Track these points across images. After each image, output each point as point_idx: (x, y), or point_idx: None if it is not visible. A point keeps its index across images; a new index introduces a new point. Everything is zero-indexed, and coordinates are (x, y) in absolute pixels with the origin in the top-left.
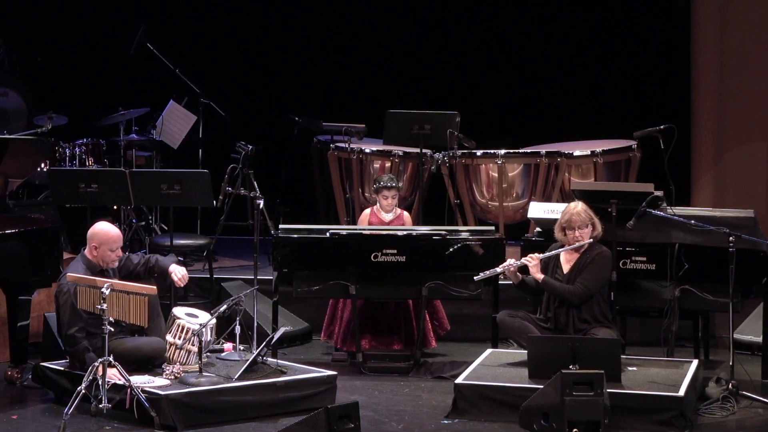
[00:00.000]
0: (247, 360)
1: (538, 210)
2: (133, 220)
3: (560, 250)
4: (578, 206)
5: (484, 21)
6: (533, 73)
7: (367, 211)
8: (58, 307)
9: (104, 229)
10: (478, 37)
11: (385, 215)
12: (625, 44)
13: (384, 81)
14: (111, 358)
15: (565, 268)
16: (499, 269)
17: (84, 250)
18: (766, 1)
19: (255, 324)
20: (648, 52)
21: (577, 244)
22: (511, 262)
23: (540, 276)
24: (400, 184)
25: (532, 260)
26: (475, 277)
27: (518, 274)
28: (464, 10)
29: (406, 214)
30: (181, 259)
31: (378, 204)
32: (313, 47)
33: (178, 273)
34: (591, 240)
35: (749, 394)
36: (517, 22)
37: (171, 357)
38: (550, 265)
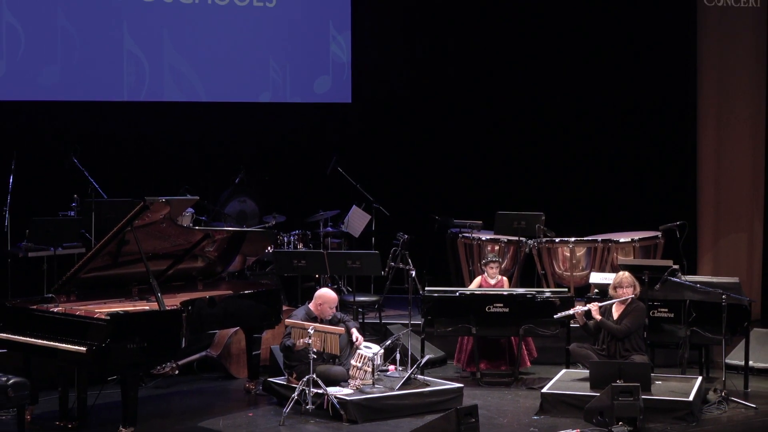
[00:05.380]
0: (404, 377)
1: (596, 278)
2: (329, 285)
3: (612, 301)
4: (625, 274)
5: (561, 156)
6: (594, 188)
7: (479, 277)
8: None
9: (328, 293)
10: (555, 167)
11: (490, 280)
12: (652, 168)
13: (494, 192)
14: (314, 375)
15: (615, 315)
16: (571, 311)
17: (308, 303)
18: (748, 136)
19: (409, 353)
20: (667, 173)
21: (623, 298)
22: (579, 307)
23: (598, 317)
24: (500, 259)
25: (594, 306)
26: (554, 316)
27: (583, 318)
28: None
29: (505, 279)
30: (361, 319)
31: (485, 273)
32: (448, 171)
33: (359, 337)
34: (633, 296)
35: (736, 399)
36: (577, 158)
37: (354, 375)
38: (605, 313)
